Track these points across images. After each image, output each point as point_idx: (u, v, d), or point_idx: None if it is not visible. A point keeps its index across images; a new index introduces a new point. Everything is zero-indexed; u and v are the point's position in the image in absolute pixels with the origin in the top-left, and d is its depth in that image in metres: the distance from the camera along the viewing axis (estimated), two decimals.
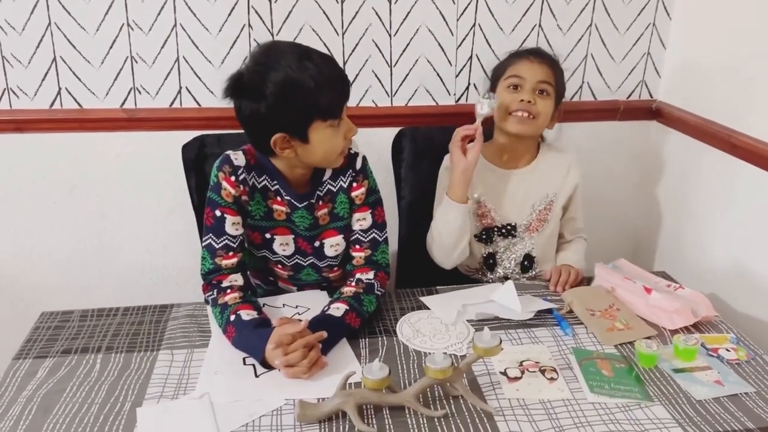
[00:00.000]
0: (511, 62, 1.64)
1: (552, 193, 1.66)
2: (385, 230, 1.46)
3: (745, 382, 1.19)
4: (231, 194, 1.34)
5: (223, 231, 1.35)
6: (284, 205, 1.39)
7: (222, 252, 1.36)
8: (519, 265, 1.68)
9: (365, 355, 1.27)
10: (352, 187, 1.41)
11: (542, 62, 1.60)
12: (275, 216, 1.40)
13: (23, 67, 1.73)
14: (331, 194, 1.41)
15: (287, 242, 1.42)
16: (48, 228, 1.89)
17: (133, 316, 1.39)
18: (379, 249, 1.44)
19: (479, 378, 1.20)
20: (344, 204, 1.42)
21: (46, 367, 1.21)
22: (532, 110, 1.57)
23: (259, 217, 1.39)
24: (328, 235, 1.44)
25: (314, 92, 1.21)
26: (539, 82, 1.58)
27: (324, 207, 1.41)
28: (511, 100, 1.59)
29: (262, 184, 1.38)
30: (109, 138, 1.82)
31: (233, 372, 1.21)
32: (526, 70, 1.60)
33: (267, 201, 1.39)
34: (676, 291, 1.46)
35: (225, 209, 1.35)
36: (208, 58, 1.79)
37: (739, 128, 1.67)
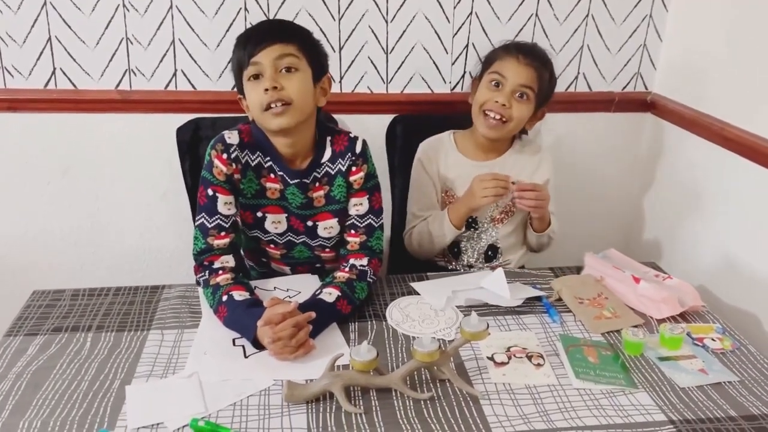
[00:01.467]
0: (499, 55, 1.60)
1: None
2: (381, 216, 1.46)
3: (729, 371, 1.21)
4: (223, 172, 1.35)
5: (215, 210, 1.36)
6: (277, 181, 1.39)
7: (214, 232, 1.36)
8: (483, 255, 1.68)
9: (354, 339, 1.28)
10: (351, 171, 1.41)
11: (529, 64, 1.56)
12: (268, 194, 1.40)
13: (18, 47, 1.73)
14: (329, 177, 1.41)
15: (279, 220, 1.43)
16: (41, 209, 1.89)
17: (125, 296, 1.39)
18: (375, 235, 1.44)
19: (466, 362, 1.21)
20: (342, 188, 1.42)
21: (37, 344, 1.22)
22: (505, 114, 1.55)
23: (251, 195, 1.39)
24: (322, 218, 1.44)
25: (237, 43, 1.34)
26: (520, 86, 1.55)
27: (320, 189, 1.41)
28: (488, 98, 1.57)
29: (255, 162, 1.38)
30: (103, 119, 1.82)
31: (222, 352, 1.22)
32: (510, 69, 1.56)
33: (260, 179, 1.39)
34: (664, 281, 1.48)
35: (217, 188, 1.35)
36: (204, 41, 1.79)
37: (732, 121, 1.68)
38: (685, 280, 1.48)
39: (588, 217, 1.90)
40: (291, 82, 1.30)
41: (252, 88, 1.32)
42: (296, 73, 1.32)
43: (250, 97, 1.33)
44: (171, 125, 1.69)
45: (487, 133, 1.59)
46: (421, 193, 1.68)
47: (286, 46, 1.31)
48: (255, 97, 1.31)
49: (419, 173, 1.67)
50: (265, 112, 1.31)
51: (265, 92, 1.29)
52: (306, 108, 1.34)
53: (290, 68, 1.31)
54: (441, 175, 1.65)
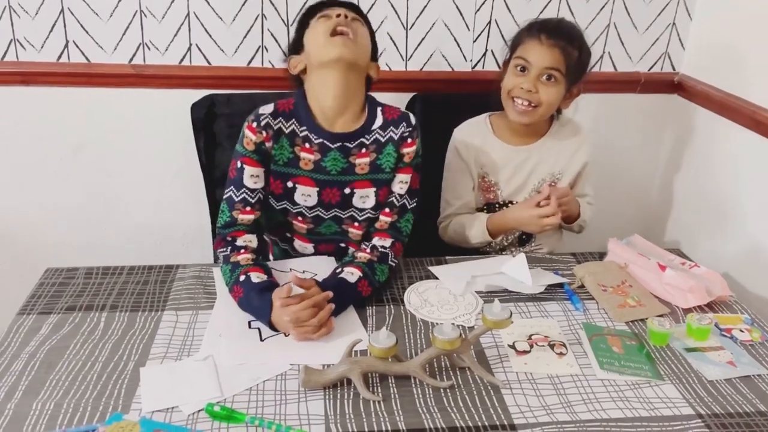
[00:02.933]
0: (522, 39, 1.53)
1: (558, 171, 1.62)
2: (415, 198, 1.43)
3: (758, 363, 1.17)
4: (252, 141, 1.33)
5: (242, 183, 1.35)
6: (312, 152, 1.36)
7: (240, 205, 1.35)
8: (517, 238, 1.65)
9: (372, 323, 1.25)
10: (406, 143, 1.37)
11: (553, 45, 1.47)
12: (301, 164, 1.37)
13: (30, 18, 1.69)
14: (378, 144, 1.38)
15: (310, 194, 1.39)
16: (54, 185, 1.87)
17: (139, 275, 1.37)
18: (405, 216, 1.41)
19: (487, 350, 1.18)
20: (391, 156, 1.38)
21: (50, 323, 1.20)
22: (533, 99, 1.50)
23: (283, 162, 1.37)
24: (361, 186, 1.40)
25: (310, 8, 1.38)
26: (546, 68, 1.48)
27: (366, 156, 1.38)
28: (514, 84, 1.51)
29: (289, 129, 1.36)
30: (116, 94, 1.78)
31: (238, 335, 1.20)
32: (534, 53, 1.49)
33: (294, 147, 1.36)
34: (690, 269, 1.43)
35: (245, 159, 1.34)
36: (220, 15, 1.74)
37: (764, 104, 1.62)
38: (710, 268, 1.43)
39: (611, 200, 1.85)
40: (356, 29, 1.34)
41: (321, 23, 1.33)
42: (360, 28, 1.36)
43: (316, 32, 1.33)
44: (185, 101, 1.66)
45: (517, 118, 1.54)
46: (456, 181, 1.64)
47: (353, 13, 1.37)
48: (322, 27, 1.32)
49: (455, 160, 1.63)
50: (331, 38, 1.30)
51: (336, 16, 1.32)
52: (364, 57, 1.35)
53: (356, 21, 1.36)
54: (478, 161, 1.60)
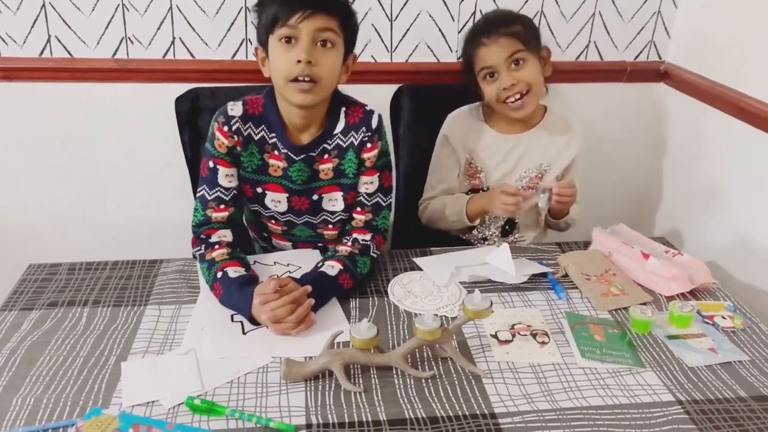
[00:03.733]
0: (471, 53, 1.53)
1: (546, 163, 1.62)
2: (390, 195, 1.42)
3: (739, 350, 1.17)
4: (224, 145, 1.31)
5: (216, 182, 1.33)
6: (281, 159, 1.35)
7: (213, 204, 1.33)
8: (499, 228, 1.65)
9: (355, 315, 1.25)
10: (365, 148, 1.35)
11: (497, 38, 1.48)
12: (270, 171, 1.36)
13: (12, 13, 1.68)
14: (339, 149, 1.36)
15: (279, 200, 1.39)
16: (39, 179, 1.86)
17: (122, 271, 1.37)
18: (381, 214, 1.40)
19: (469, 340, 1.18)
20: (352, 163, 1.36)
21: (32, 319, 1.20)
22: (520, 89, 1.49)
23: (252, 169, 1.36)
24: (327, 191, 1.39)
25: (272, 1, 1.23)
26: (508, 59, 1.48)
27: (329, 161, 1.36)
28: (495, 91, 1.51)
29: (259, 136, 1.34)
30: (100, 89, 1.78)
31: (220, 328, 1.19)
32: (487, 56, 1.49)
33: (263, 154, 1.35)
34: (674, 257, 1.44)
35: (218, 160, 1.32)
36: (203, 8, 1.73)
37: (749, 92, 1.62)
38: (696, 256, 1.43)
39: (597, 190, 1.86)
40: (325, 58, 1.24)
41: (282, 52, 1.23)
42: (331, 49, 1.25)
43: (277, 61, 1.24)
44: (170, 95, 1.65)
45: (518, 114, 1.54)
46: (442, 167, 1.64)
47: (329, 20, 1.23)
48: (283, 64, 1.23)
49: (443, 147, 1.63)
50: (290, 83, 1.24)
51: (296, 63, 1.21)
52: (331, 87, 1.30)
53: (326, 43, 1.24)
54: (466, 146, 1.60)
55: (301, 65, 1.21)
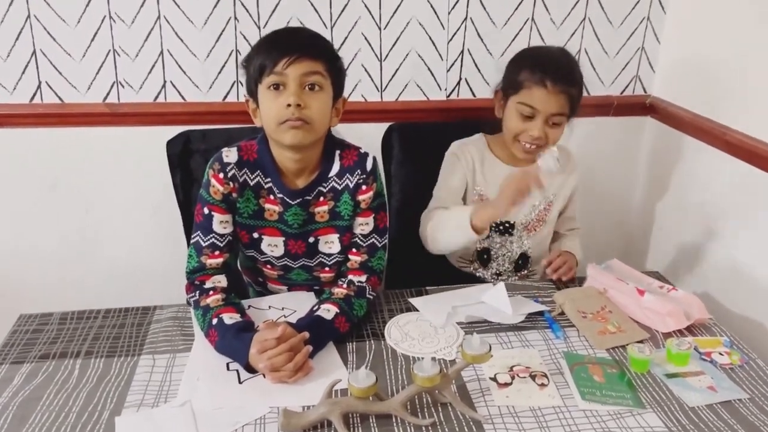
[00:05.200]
0: (526, 83, 1.48)
1: (551, 194, 1.64)
2: (385, 236, 1.41)
3: (738, 387, 1.17)
4: (219, 191, 1.31)
5: (210, 229, 1.32)
6: (276, 203, 1.35)
7: (208, 251, 1.32)
8: (513, 263, 1.65)
9: (353, 360, 1.24)
10: (360, 190, 1.36)
11: (560, 92, 1.46)
12: (266, 215, 1.36)
13: (2, 61, 1.69)
14: (335, 192, 1.36)
15: (276, 244, 1.39)
16: (30, 225, 1.85)
17: (115, 319, 1.35)
18: (376, 255, 1.40)
19: (468, 384, 1.17)
20: (348, 205, 1.37)
21: (23, 373, 1.18)
22: (541, 142, 1.50)
23: (248, 215, 1.35)
24: (324, 233, 1.39)
25: (261, 44, 1.27)
26: (553, 114, 1.48)
27: (324, 204, 1.37)
28: (521, 129, 1.50)
29: (254, 181, 1.34)
30: (91, 133, 1.77)
31: (216, 378, 1.18)
32: (541, 101, 1.46)
33: (259, 199, 1.35)
34: (669, 293, 1.44)
35: (213, 207, 1.32)
36: (194, 52, 1.75)
37: (734, 126, 1.65)
38: (689, 288, 1.45)
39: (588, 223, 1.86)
40: (314, 101, 1.25)
41: (271, 99, 1.25)
42: (320, 92, 1.26)
43: (267, 108, 1.26)
44: (161, 138, 1.65)
45: (524, 157, 1.55)
46: (452, 179, 1.61)
47: (314, 64, 1.24)
48: (273, 110, 1.25)
49: (452, 164, 1.61)
50: (281, 125, 1.25)
51: (286, 107, 1.23)
52: (322, 128, 1.30)
53: (314, 86, 1.25)
54: (474, 177, 1.60)
55: (291, 109, 1.23)
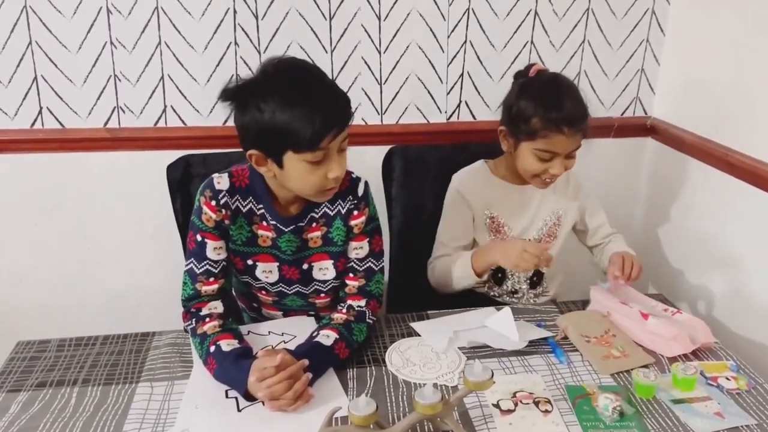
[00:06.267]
0: (543, 131, 1.46)
1: (560, 208, 1.64)
2: (381, 259, 1.41)
3: (745, 413, 1.15)
4: (212, 219, 1.30)
5: (204, 256, 1.31)
6: (270, 230, 1.34)
7: (203, 277, 1.31)
8: (528, 280, 1.64)
9: (353, 387, 1.22)
10: (352, 215, 1.35)
11: (576, 132, 1.47)
12: (259, 242, 1.35)
13: (3, 87, 1.70)
14: (327, 218, 1.36)
15: (271, 270, 1.38)
16: (29, 249, 1.84)
17: (113, 345, 1.34)
18: (374, 279, 1.39)
19: (471, 411, 1.15)
20: (340, 230, 1.36)
21: (20, 402, 1.16)
22: (561, 174, 1.52)
23: (241, 242, 1.35)
24: (317, 259, 1.38)
25: (288, 123, 1.14)
26: (571, 152, 1.50)
27: (317, 230, 1.36)
28: (539, 169, 1.50)
29: (247, 208, 1.33)
30: (91, 158, 1.78)
31: (215, 406, 1.16)
32: (560, 145, 1.47)
33: (252, 226, 1.34)
34: (673, 316, 1.42)
35: (206, 234, 1.31)
36: (194, 77, 1.75)
37: (736, 147, 1.64)
38: (692, 309, 1.43)
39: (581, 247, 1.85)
40: (344, 160, 1.24)
41: (308, 171, 1.20)
42: (345, 150, 1.25)
43: (301, 177, 1.21)
44: (161, 162, 1.65)
45: (542, 187, 1.58)
46: (455, 222, 1.62)
47: (347, 126, 1.22)
48: (314, 181, 1.21)
49: (456, 202, 1.61)
50: (319, 192, 1.25)
51: (331, 179, 1.22)
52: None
53: (343, 149, 1.24)
54: (483, 201, 1.60)
55: (335, 179, 1.22)
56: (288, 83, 1.17)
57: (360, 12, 1.75)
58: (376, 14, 1.76)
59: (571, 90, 1.52)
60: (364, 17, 1.76)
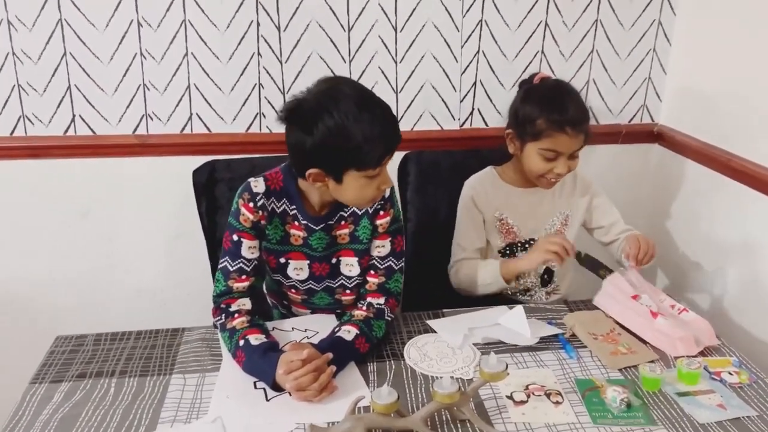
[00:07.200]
0: (547, 131, 1.55)
1: (568, 209, 1.71)
2: (402, 259, 1.48)
3: (747, 405, 1.21)
4: (249, 219, 1.38)
5: (239, 254, 1.39)
6: (301, 229, 1.42)
7: (235, 275, 1.39)
8: (539, 277, 1.71)
9: (374, 379, 1.29)
10: (378, 215, 1.43)
11: (579, 132, 1.56)
12: (291, 240, 1.43)
13: (39, 95, 1.78)
14: (355, 216, 1.44)
15: (302, 267, 1.45)
16: (61, 251, 1.92)
17: (146, 340, 1.41)
18: (393, 277, 1.46)
19: (486, 402, 1.22)
20: (366, 229, 1.44)
21: (62, 391, 1.24)
22: (565, 173, 1.61)
23: (275, 241, 1.43)
24: (345, 254, 1.46)
25: (359, 145, 1.24)
26: (575, 152, 1.59)
27: (345, 227, 1.44)
28: (545, 169, 1.59)
29: (281, 209, 1.41)
30: (121, 163, 1.86)
31: (244, 396, 1.23)
32: (564, 145, 1.56)
33: (285, 225, 1.42)
34: (680, 314, 1.48)
35: (242, 233, 1.39)
36: (219, 86, 1.84)
37: (739, 153, 1.71)
38: (697, 308, 1.48)
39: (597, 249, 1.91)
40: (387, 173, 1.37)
41: (365, 185, 1.31)
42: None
43: (358, 189, 1.31)
44: (187, 167, 1.73)
45: (548, 187, 1.66)
46: (468, 227, 1.70)
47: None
48: (368, 193, 1.33)
49: (469, 207, 1.70)
50: (369, 201, 1.37)
51: (381, 190, 1.35)
52: None
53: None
54: (492, 204, 1.68)
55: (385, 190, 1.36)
56: (356, 107, 1.25)
57: (377, 24, 1.83)
58: (392, 26, 1.84)
59: (572, 94, 1.62)
60: (381, 29, 1.84)
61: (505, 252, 1.71)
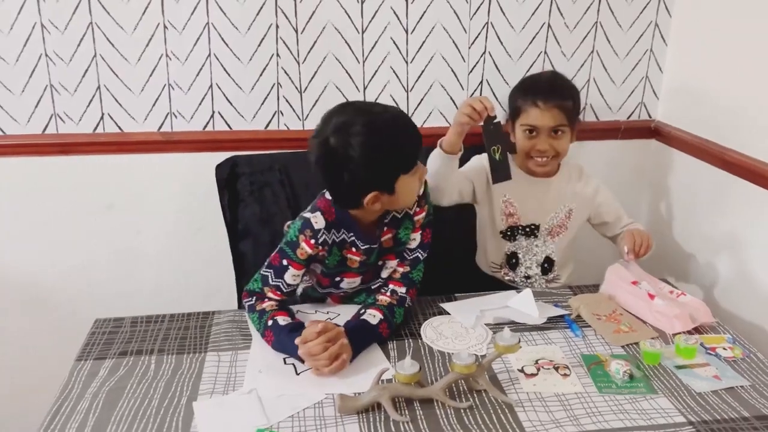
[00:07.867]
0: (523, 107, 1.68)
1: (572, 204, 1.80)
2: (427, 250, 1.56)
3: (740, 376, 1.31)
4: (307, 253, 1.43)
5: (281, 276, 1.45)
6: (359, 254, 1.49)
7: (272, 288, 1.46)
8: (540, 266, 1.81)
9: (394, 356, 1.39)
10: (416, 212, 1.51)
11: (552, 107, 1.65)
12: (348, 264, 1.50)
13: (69, 95, 1.87)
14: (396, 220, 1.50)
15: (355, 281, 1.55)
16: (89, 242, 2.01)
17: (179, 322, 1.51)
18: (417, 267, 1.54)
19: (499, 375, 1.32)
20: (408, 230, 1.52)
21: (107, 367, 1.34)
22: (550, 153, 1.69)
23: (333, 266, 1.50)
24: (388, 258, 1.55)
25: (401, 146, 1.35)
26: (552, 128, 1.67)
27: (389, 232, 1.51)
28: (529, 146, 1.70)
29: (340, 238, 1.47)
30: (147, 159, 1.95)
31: (275, 370, 1.33)
32: (536, 119, 1.66)
33: (342, 251, 1.48)
34: (678, 297, 1.58)
35: (292, 263, 1.44)
36: (239, 85, 1.93)
37: (731, 146, 1.81)
38: (695, 294, 1.58)
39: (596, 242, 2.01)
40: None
41: (413, 182, 1.41)
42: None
43: (411, 189, 1.42)
44: (209, 163, 1.83)
45: (540, 171, 1.75)
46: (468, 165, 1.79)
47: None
48: (416, 188, 1.44)
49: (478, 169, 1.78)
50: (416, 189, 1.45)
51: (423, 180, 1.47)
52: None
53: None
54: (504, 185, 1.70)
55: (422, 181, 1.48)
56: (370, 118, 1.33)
57: (389, 26, 1.93)
58: (404, 28, 1.94)
59: (554, 76, 1.74)
60: (393, 31, 1.94)
61: (506, 234, 1.80)
